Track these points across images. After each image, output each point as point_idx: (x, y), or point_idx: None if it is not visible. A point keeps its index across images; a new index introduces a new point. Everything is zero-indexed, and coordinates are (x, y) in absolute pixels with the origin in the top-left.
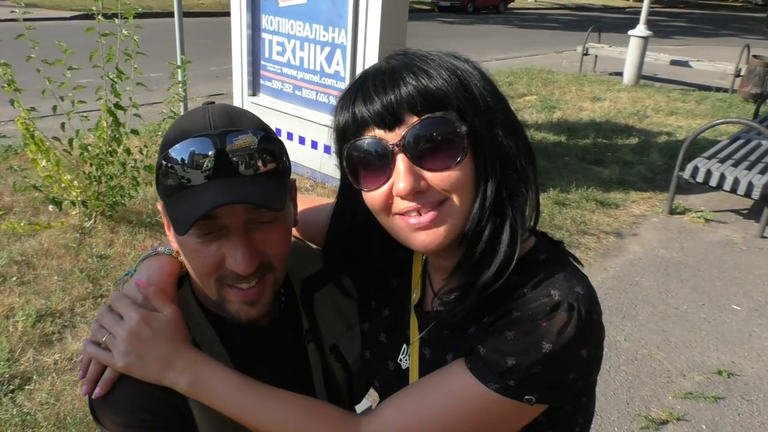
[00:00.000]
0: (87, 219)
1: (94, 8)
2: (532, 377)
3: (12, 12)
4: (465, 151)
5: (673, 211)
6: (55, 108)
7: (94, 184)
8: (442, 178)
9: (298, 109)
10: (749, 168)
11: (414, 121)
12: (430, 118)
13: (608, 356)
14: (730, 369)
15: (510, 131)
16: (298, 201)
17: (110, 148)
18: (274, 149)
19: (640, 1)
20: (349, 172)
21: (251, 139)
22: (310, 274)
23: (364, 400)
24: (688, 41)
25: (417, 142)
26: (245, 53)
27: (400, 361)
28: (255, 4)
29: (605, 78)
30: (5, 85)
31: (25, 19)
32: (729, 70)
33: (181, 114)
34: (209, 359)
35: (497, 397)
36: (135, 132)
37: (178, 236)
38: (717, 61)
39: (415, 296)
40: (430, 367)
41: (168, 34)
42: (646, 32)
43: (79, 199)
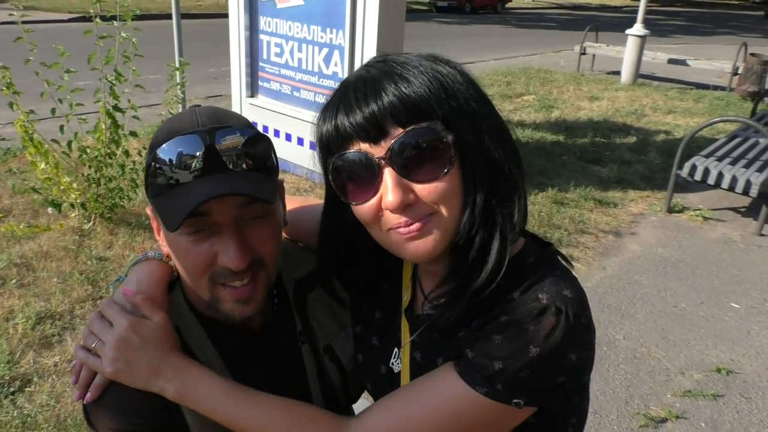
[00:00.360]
0: (86, 221)
1: (92, 11)
2: (520, 381)
3: (10, 15)
4: (452, 160)
5: (671, 210)
6: (53, 110)
7: (93, 186)
8: (430, 190)
9: (297, 110)
10: (747, 166)
11: (399, 132)
12: (415, 129)
13: (607, 355)
14: (729, 367)
15: (496, 136)
16: (287, 202)
17: (109, 150)
18: (262, 146)
19: (638, 0)
20: (336, 186)
21: (239, 138)
22: (302, 276)
23: (361, 400)
24: (686, 40)
25: (403, 155)
26: (243, 55)
27: (392, 364)
28: (253, 6)
29: (603, 77)
30: (4, 88)
31: (23, 22)
32: (726, 69)
33: None
34: (197, 365)
35: (485, 400)
36: (134, 134)
37: (168, 236)
38: (714, 60)
39: (405, 299)
40: (420, 371)
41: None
42: (643, 31)
43: (78, 201)
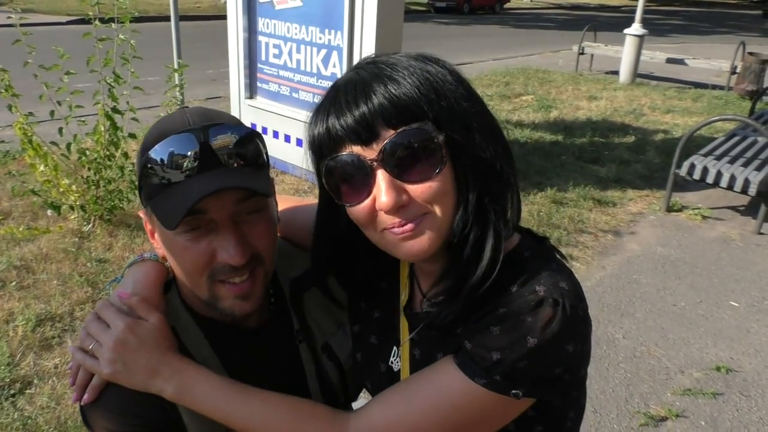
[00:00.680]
0: (86, 223)
1: (91, 13)
2: (518, 372)
3: (9, 18)
4: (444, 160)
5: (670, 209)
6: (52, 113)
7: (93, 188)
8: (423, 190)
9: (295, 111)
10: (745, 165)
11: (390, 134)
12: (406, 130)
13: (607, 354)
14: (729, 365)
15: (487, 134)
16: (278, 201)
17: (108, 152)
18: (254, 142)
19: (636, 0)
20: (330, 188)
21: (232, 135)
22: (298, 275)
23: (360, 398)
24: (684, 39)
25: (395, 156)
26: (242, 56)
27: (392, 363)
28: (251, 7)
29: (601, 77)
30: (3, 91)
31: (22, 24)
32: (725, 68)
33: None
34: (194, 365)
35: (484, 391)
36: (133, 136)
37: (165, 237)
38: (713, 59)
39: (403, 298)
40: (420, 368)
41: (165, 37)
42: (641, 31)
43: (78, 203)
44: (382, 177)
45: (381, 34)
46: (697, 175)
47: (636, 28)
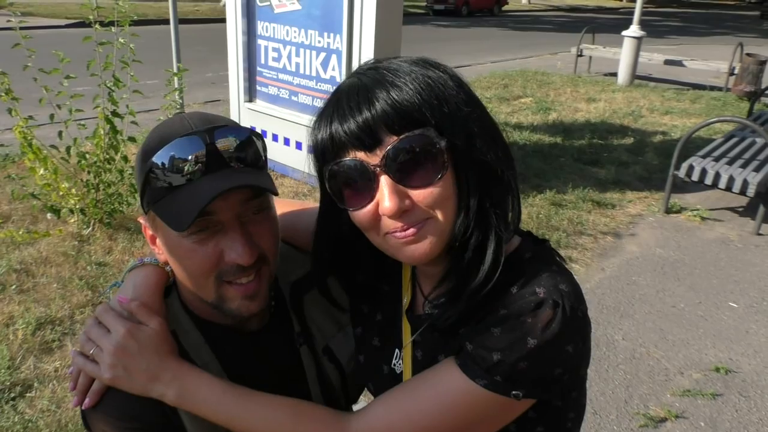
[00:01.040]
0: (85, 227)
1: (91, 17)
2: (519, 372)
3: (8, 21)
4: (446, 165)
5: (669, 210)
6: (52, 116)
7: (92, 191)
8: (425, 195)
9: (295, 114)
10: (744, 166)
11: (393, 140)
12: (409, 136)
13: (606, 355)
14: (728, 366)
15: (488, 139)
16: (276, 205)
17: (108, 156)
18: (257, 144)
19: (634, 2)
20: (333, 193)
21: (235, 137)
22: (298, 278)
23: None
24: (682, 41)
25: (398, 162)
26: (241, 59)
27: (394, 365)
28: (250, 11)
29: (600, 79)
30: (3, 94)
31: (21, 28)
32: (723, 69)
33: None
34: (195, 369)
35: (484, 392)
36: (132, 139)
37: (170, 240)
38: (711, 60)
39: (405, 300)
40: (422, 369)
41: (164, 41)
42: (639, 32)
43: (78, 206)
44: (385, 182)
45: (380, 37)
46: (695, 177)
47: (634, 30)
